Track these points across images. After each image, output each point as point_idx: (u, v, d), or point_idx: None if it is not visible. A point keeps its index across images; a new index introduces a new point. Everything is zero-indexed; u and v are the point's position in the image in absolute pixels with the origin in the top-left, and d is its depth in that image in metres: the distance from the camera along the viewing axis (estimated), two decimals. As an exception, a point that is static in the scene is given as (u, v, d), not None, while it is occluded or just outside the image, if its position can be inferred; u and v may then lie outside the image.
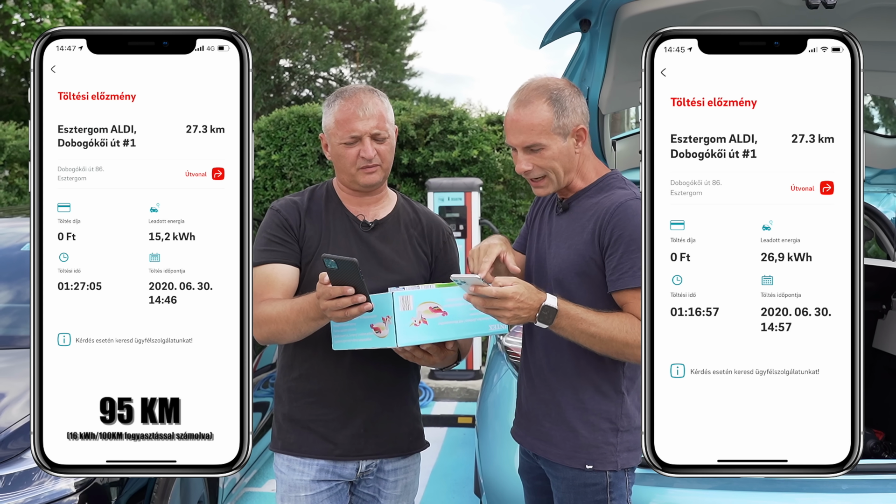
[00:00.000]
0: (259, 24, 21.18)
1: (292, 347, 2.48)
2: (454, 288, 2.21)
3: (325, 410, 2.45)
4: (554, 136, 2.25)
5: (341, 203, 2.53)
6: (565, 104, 2.26)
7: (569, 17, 2.71)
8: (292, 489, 2.44)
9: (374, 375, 2.46)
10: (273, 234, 2.43)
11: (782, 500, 2.87)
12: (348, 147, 2.41)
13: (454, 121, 9.21)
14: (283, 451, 2.48)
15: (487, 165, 9.20)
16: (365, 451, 2.47)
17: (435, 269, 2.60)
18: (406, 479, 2.59)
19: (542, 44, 2.95)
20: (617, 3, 2.55)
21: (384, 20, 22.94)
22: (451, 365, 2.47)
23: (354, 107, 2.39)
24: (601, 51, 2.84)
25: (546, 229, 2.44)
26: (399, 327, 2.10)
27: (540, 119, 2.24)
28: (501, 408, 3.56)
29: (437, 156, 9.09)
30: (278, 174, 9.53)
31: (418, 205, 2.69)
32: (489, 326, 2.25)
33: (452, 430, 6.77)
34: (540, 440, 2.38)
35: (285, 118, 9.58)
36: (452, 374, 8.26)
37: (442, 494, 5.35)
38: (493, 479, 3.27)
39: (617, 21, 2.63)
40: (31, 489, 2.85)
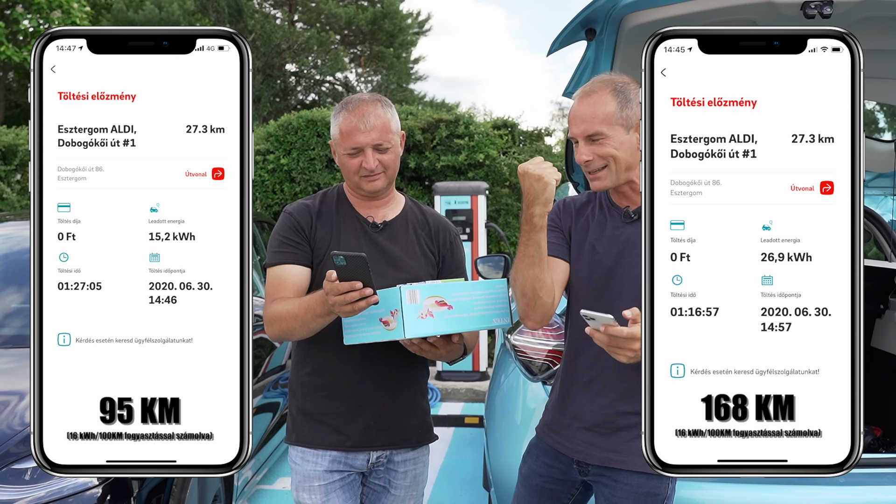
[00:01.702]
0: (265, 29, 21.19)
1: (305, 344, 2.54)
2: (460, 283, 2.28)
3: (337, 404, 2.52)
4: (616, 126, 2.22)
5: (351, 206, 2.59)
6: (630, 96, 2.24)
7: (575, 27, 2.75)
8: (306, 479, 2.51)
9: (383, 370, 2.52)
10: (285, 237, 2.50)
11: (779, 492, 2.90)
12: (351, 157, 2.48)
13: (461, 125, 9.21)
14: (297, 443, 2.56)
15: (493, 169, 9.19)
16: (375, 442, 2.53)
17: (442, 269, 2.66)
18: (416, 471, 2.65)
19: (550, 52, 3.00)
20: (621, 13, 2.59)
21: (390, 25, 22.92)
22: (457, 358, 2.52)
23: (356, 119, 2.44)
24: (606, 58, 2.88)
25: (608, 238, 2.35)
26: (407, 320, 2.14)
27: (603, 109, 2.22)
28: (509, 405, 3.60)
29: (444, 160, 9.09)
30: (287, 178, 9.54)
31: (426, 207, 2.75)
32: (493, 320, 2.29)
33: (460, 430, 6.80)
34: (611, 451, 2.32)
35: (294, 123, 9.60)
36: (459, 375, 8.26)
37: (449, 492, 5.41)
38: (502, 473, 3.32)
39: (621, 30, 2.67)
40: (53, 482, 2.89)
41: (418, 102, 22.80)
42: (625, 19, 2.62)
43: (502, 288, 2.33)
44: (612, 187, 2.32)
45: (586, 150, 2.26)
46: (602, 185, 2.30)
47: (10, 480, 2.89)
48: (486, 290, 2.31)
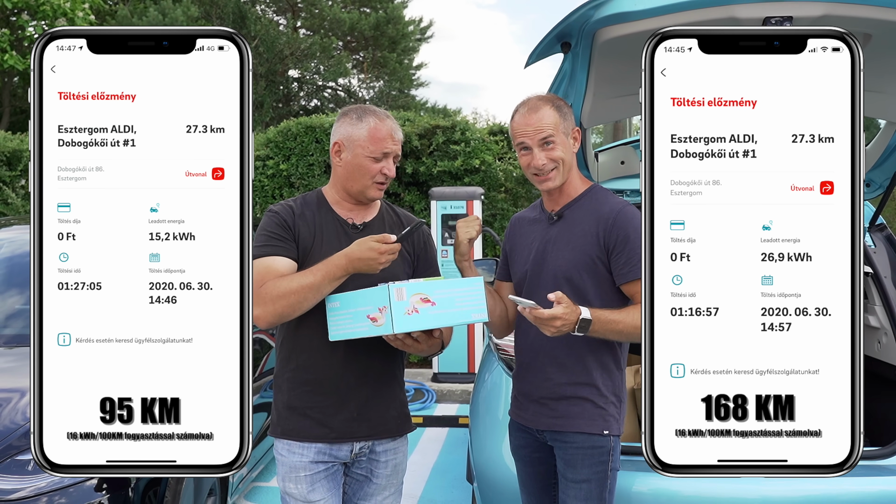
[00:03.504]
0: (268, 35, 21.11)
1: (290, 341, 2.64)
2: (441, 281, 2.41)
3: (321, 398, 2.60)
4: (561, 133, 2.57)
5: (331, 208, 2.69)
6: (565, 110, 2.62)
7: (551, 40, 2.86)
8: (292, 470, 2.59)
9: (365, 365, 2.61)
10: (272, 232, 2.58)
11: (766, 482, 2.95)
12: (375, 162, 2.59)
13: (457, 131, 9.20)
14: (283, 436, 2.63)
15: (489, 175, 9.18)
16: (358, 433, 2.62)
17: (417, 266, 2.77)
18: (396, 460, 2.74)
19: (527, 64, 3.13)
20: (594, 28, 2.68)
21: (392, 30, 22.83)
22: (435, 352, 2.62)
23: (390, 129, 2.60)
24: (582, 70, 2.97)
25: (539, 239, 2.70)
26: (395, 316, 2.26)
27: (550, 118, 2.57)
28: (492, 402, 3.69)
29: (441, 165, 9.07)
30: (286, 183, 9.52)
31: (399, 209, 2.89)
32: (471, 315, 2.42)
33: (453, 431, 6.81)
34: (555, 417, 2.62)
35: (293, 129, 9.59)
36: (454, 377, 8.26)
37: (441, 488, 5.52)
38: (484, 466, 3.43)
39: (595, 43, 2.75)
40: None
41: (420, 108, 22.71)
42: (597, 33, 2.70)
43: (479, 285, 2.45)
44: (558, 187, 2.62)
45: (540, 154, 2.56)
46: (552, 185, 2.60)
47: (13, 471, 2.95)
48: (465, 287, 2.44)
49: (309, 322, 2.50)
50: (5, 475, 2.94)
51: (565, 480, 2.61)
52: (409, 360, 8.98)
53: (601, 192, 2.68)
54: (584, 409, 2.58)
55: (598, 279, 2.55)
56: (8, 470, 2.95)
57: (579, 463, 2.57)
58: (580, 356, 2.58)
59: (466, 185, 9.06)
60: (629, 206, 2.57)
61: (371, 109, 2.65)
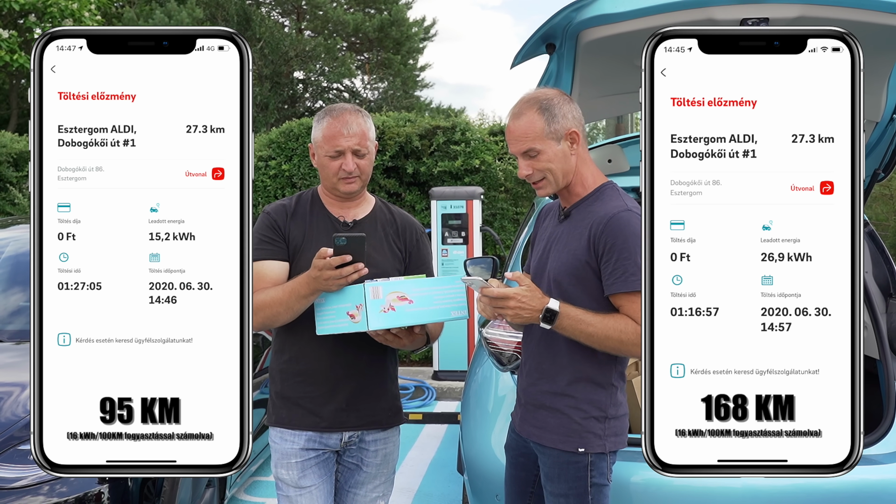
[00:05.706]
0: (273, 37, 21.04)
1: (283, 333, 2.71)
2: (420, 279, 2.45)
3: (312, 388, 2.67)
4: (547, 140, 2.41)
5: (324, 206, 2.74)
6: (554, 111, 2.42)
7: (536, 41, 2.88)
8: (284, 457, 2.67)
9: (353, 357, 2.66)
10: (264, 235, 2.65)
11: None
12: (332, 160, 2.63)
13: (457, 132, 9.19)
14: (276, 424, 2.71)
15: (489, 175, 9.17)
16: (347, 423, 2.68)
17: (409, 264, 2.80)
18: (386, 450, 2.79)
19: (513, 65, 3.16)
20: (577, 29, 2.69)
21: (397, 32, 22.72)
22: (421, 347, 2.70)
23: (340, 125, 2.60)
24: (567, 71, 2.97)
25: (547, 237, 2.61)
26: (370, 314, 2.34)
27: (532, 128, 2.41)
28: (482, 395, 3.72)
29: (441, 165, 9.06)
30: (288, 183, 9.51)
31: (394, 207, 2.91)
32: (451, 313, 2.46)
33: (452, 427, 6.83)
34: (535, 427, 2.54)
35: (295, 130, 9.60)
36: (454, 375, 8.26)
37: (438, 482, 5.60)
38: (475, 458, 3.47)
39: (579, 44, 2.76)
40: None
41: (425, 109, 22.64)
42: (581, 35, 2.71)
43: (459, 284, 2.48)
44: (553, 193, 2.53)
45: (525, 165, 2.46)
46: (545, 193, 2.53)
47: (14, 460, 3.00)
48: (444, 285, 2.48)
49: (301, 315, 2.54)
50: (7, 464, 2.99)
51: (546, 491, 2.55)
52: (410, 359, 8.98)
53: (610, 191, 2.50)
54: (561, 423, 2.45)
55: (585, 285, 2.40)
56: (10, 459, 3.01)
57: (556, 477, 2.49)
58: (562, 366, 2.46)
59: (466, 184, 9.05)
60: (626, 210, 2.39)
61: (332, 108, 2.67)
